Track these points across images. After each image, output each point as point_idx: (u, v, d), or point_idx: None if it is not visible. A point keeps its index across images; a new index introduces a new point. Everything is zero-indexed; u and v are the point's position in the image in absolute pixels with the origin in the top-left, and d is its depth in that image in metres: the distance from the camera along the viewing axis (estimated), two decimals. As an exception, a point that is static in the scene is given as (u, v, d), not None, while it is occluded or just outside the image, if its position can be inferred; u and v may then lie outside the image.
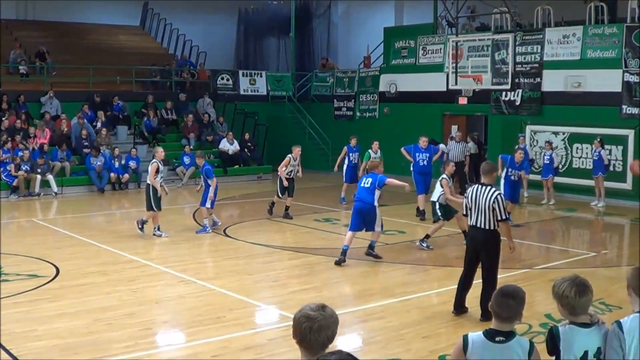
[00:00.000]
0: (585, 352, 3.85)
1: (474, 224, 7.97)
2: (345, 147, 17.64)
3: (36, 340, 7.31)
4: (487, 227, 7.88)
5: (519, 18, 21.11)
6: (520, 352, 3.80)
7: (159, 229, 13.10)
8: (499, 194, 7.89)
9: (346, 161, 17.60)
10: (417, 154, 15.38)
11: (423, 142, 15.45)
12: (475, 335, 3.87)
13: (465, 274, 8.26)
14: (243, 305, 8.83)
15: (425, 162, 15.29)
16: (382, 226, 11.27)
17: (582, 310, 3.91)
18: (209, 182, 13.42)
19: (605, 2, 19.05)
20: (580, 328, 3.88)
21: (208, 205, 13.41)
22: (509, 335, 3.82)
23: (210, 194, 13.35)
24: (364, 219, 10.92)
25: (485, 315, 7.96)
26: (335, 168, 18.19)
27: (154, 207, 12.98)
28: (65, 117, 20.87)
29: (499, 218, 7.83)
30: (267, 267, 10.97)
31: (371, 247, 11.17)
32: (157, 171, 13.04)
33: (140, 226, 13.08)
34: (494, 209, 7.78)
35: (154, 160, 13.14)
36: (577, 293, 3.87)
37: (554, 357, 4.01)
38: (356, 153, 17.63)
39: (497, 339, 3.80)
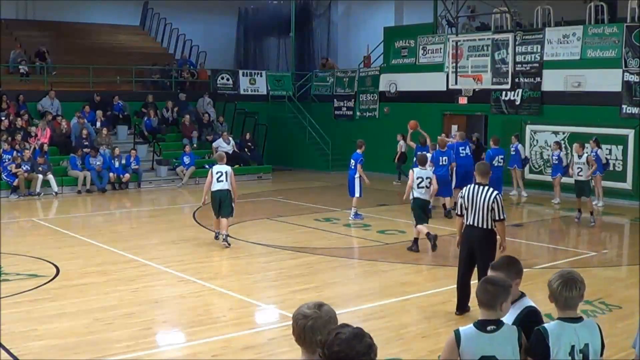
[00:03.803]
0: (572, 347, 3.84)
1: (471, 223, 7.97)
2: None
3: (36, 340, 7.31)
4: (484, 227, 7.92)
5: (519, 18, 21.12)
6: (512, 339, 3.83)
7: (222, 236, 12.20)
8: (498, 193, 7.93)
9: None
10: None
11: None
12: (466, 328, 3.88)
13: (463, 274, 8.26)
14: (243, 305, 8.83)
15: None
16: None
17: (569, 305, 3.88)
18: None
19: (605, 2, 19.05)
20: (567, 323, 3.87)
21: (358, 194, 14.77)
22: (499, 323, 3.83)
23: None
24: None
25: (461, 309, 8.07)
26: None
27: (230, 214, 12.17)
28: (62, 118, 20.83)
29: (497, 218, 7.87)
30: (267, 267, 10.97)
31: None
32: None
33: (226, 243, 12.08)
34: (492, 208, 7.83)
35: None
36: (563, 287, 3.85)
37: None
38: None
39: (488, 328, 3.80)
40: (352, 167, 14.84)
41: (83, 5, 27.04)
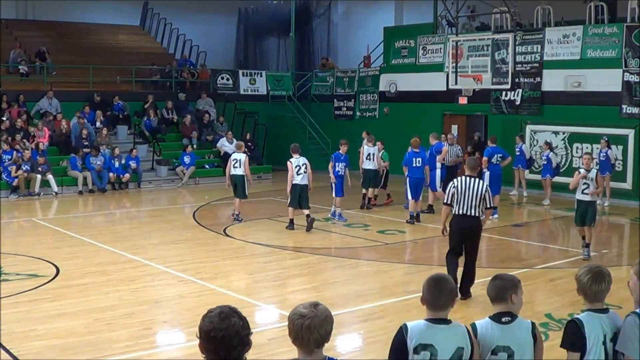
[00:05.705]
0: (605, 336, 3.98)
1: (465, 212, 8.61)
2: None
3: (36, 340, 7.31)
4: (476, 215, 8.60)
5: (519, 18, 21.10)
6: (526, 331, 3.99)
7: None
8: (487, 184, 8.90)
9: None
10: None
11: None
12: (482, 321, 4.05)
13: (455, 261, 8.79)
14: (243, 305, 8.80)
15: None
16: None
17: (597, 297, 4.04)
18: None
19: (605, 2, 19.04)
20: (596, 314, 4.02)
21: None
22: (513, 316, 4.00)
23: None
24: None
25: (466, 295, 8.69)
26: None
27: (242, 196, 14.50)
28: (62, 117, 20.83)
29: (488, 206, 8.68)
30: (267, 267, 10.96)
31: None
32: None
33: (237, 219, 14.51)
34: (484, 197, 8.58)
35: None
36: (593, 281, 4.01)
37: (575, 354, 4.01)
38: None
39: (503, 319, 3.98)
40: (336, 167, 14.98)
41: (83, 5, 27.03)
